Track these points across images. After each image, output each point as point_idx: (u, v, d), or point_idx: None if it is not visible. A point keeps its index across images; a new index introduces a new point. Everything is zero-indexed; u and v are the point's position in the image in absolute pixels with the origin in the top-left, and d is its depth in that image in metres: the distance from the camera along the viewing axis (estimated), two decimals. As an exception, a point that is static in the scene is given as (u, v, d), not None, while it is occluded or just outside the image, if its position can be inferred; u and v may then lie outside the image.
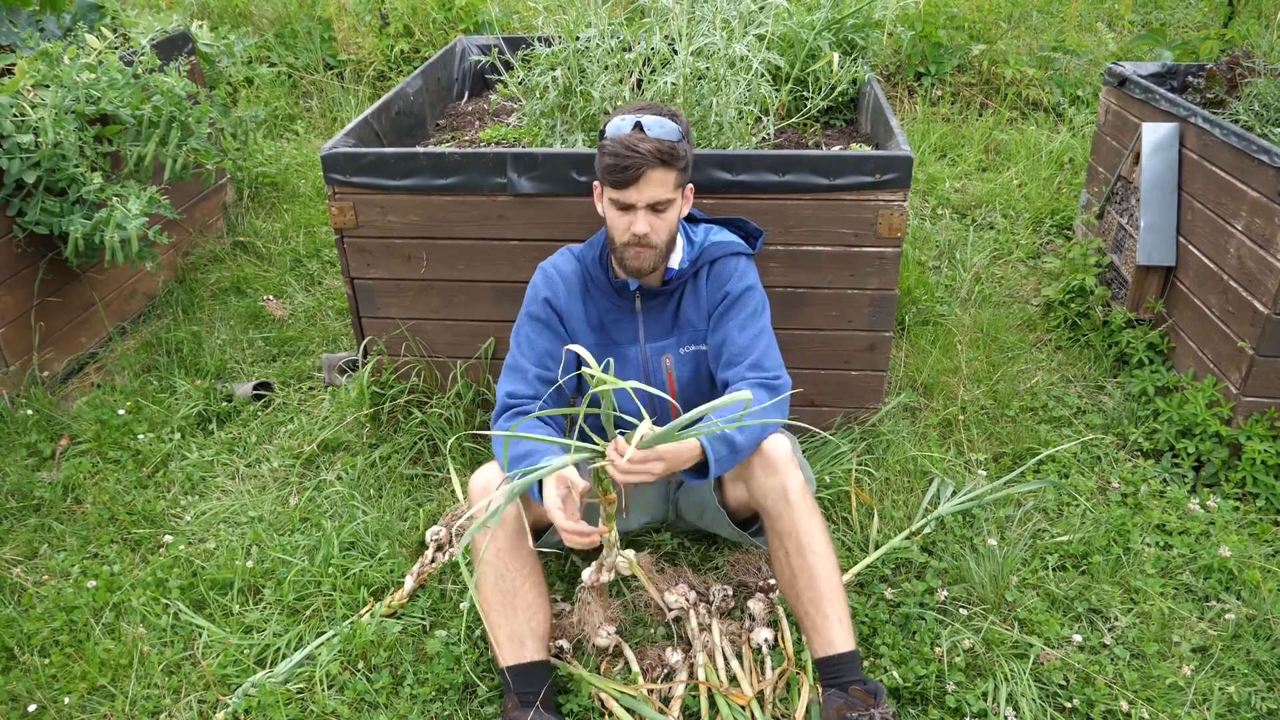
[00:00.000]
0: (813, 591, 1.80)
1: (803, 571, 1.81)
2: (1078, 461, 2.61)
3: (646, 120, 1.83)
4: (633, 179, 1.81)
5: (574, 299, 2.03)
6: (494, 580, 1.85)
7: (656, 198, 1.84)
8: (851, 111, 3.23)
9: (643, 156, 1.79)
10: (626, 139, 1.81)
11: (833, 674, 1.78)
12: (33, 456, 2.72)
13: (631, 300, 2.04)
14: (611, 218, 1.90)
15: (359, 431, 2.70)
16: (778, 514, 1.85)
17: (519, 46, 3.30)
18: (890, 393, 2.82)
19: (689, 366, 2.09)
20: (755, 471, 1.88)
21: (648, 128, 1.82)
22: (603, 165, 1.84)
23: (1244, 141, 2.50)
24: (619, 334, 2.06)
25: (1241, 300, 2.49)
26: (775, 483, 1.85)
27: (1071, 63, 5.44)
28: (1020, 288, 3.60)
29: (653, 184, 1.83)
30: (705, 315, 2.05)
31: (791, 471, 1.86)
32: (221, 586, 2.23)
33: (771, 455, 1.87)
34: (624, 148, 1.79)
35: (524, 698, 1.80)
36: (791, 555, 1.83)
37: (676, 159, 1.83)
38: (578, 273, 2.05)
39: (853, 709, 1.71)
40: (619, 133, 1.83)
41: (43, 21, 3.57)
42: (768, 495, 1.86)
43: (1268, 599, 2.11)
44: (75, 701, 1.95)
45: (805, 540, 1.82)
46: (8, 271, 2.87)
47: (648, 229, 1.86)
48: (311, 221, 4.16)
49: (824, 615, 1.79)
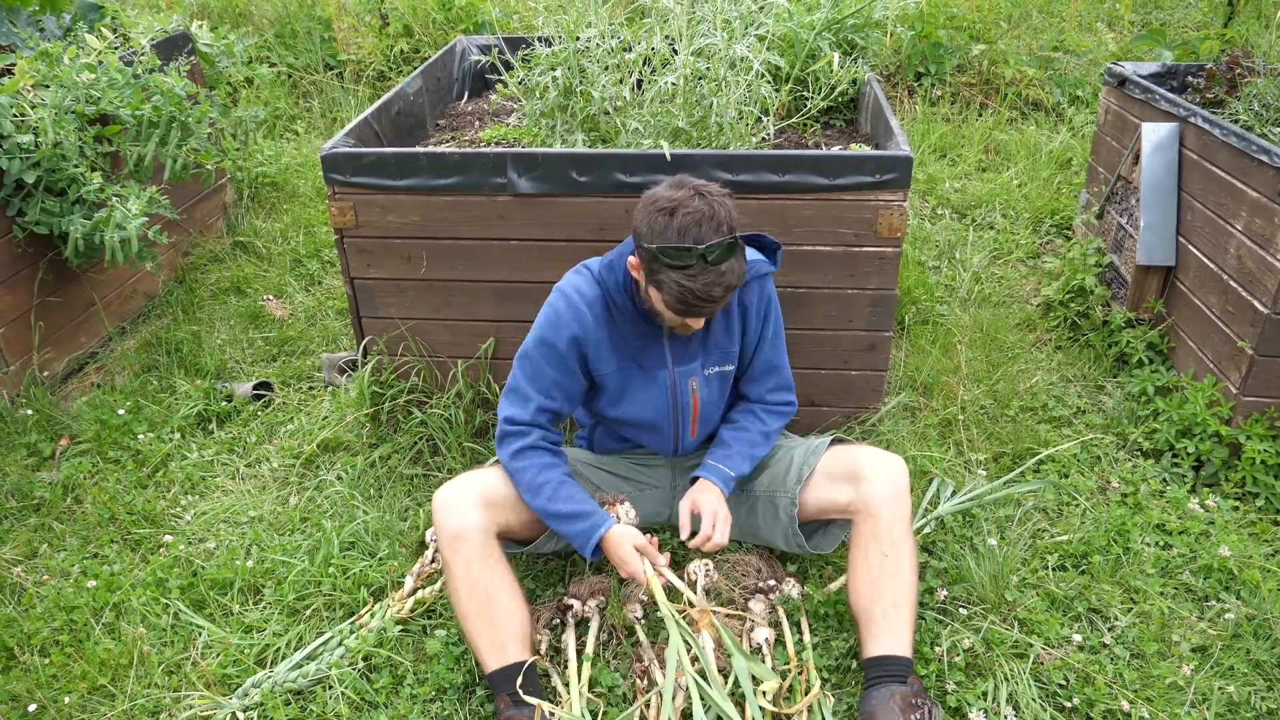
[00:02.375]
0: (898, 595, 1.89)
1: (898, 575, 1.90)
2: (1078, 461, 2.61)
3: (713, 251, 1.71)
4: (708, 315, 1.85)
5: (600, 327, 1.98)
6: (467, 592, 1.88)
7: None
8: (851, 111, 3.23)
9: (716, 304, 1.79)
10: (699, 289, 1.72)
11: (894, 670, 1.83)
12: (33, 456, 2.72)
13: (658, 326, 2.00)
14: (664, 309, 1.85)
15: (359, 431, 2.70)
16: (891, 521, 1.94)
17: (519, 46, 3.30)
18: (890, 393, 2.82)
19: (714, 388, 2.11)
20: (880, 476, 1.98)
21: (719, 262, 1.72)
22: (668, 298, 1.77)
23: (1244, 141, 2.50)
24: (646, 359, 2.04)
25: (1241, 300, 2.49)
26: (897, 493, 1.96)
27: (1071, 63, 5.44)
28: (1020, 288, 3.60)
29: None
30: (737, 337, 2.07)
31: (908, 494, 1.99)
32: (221, 586, 2.23)
33: (899, 471, 1.99)
34: (697, 298, 1.74)
35: (515, 696, 1.82)
36: (888, 557, 1.91)
37: (742, 279, 1.81)
38: (601, 299, 1.98)
39: (916, 696, 1.77)
40: (685, 265, 1.71)
41: (43, 21, 3.57)
42: (887, 502, 1.95)
43: (1268, 599, 2.11)
44: (75, 701, 1.95)
45: (905, 553, 1.93)
46: (8, 271, 2.87)
47: (699, 324, 1.90)
48: (311, 221, 4.16)
49: (903, 620, 1.88)
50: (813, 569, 2.25)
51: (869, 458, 2.03)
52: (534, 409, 1.99)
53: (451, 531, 1.90)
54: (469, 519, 1.90)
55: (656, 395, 2.07)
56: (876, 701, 1.78)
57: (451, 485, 1.98)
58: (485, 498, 1.95)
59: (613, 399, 2.08)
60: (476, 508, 1.92)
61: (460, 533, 1.89)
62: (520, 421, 1.99)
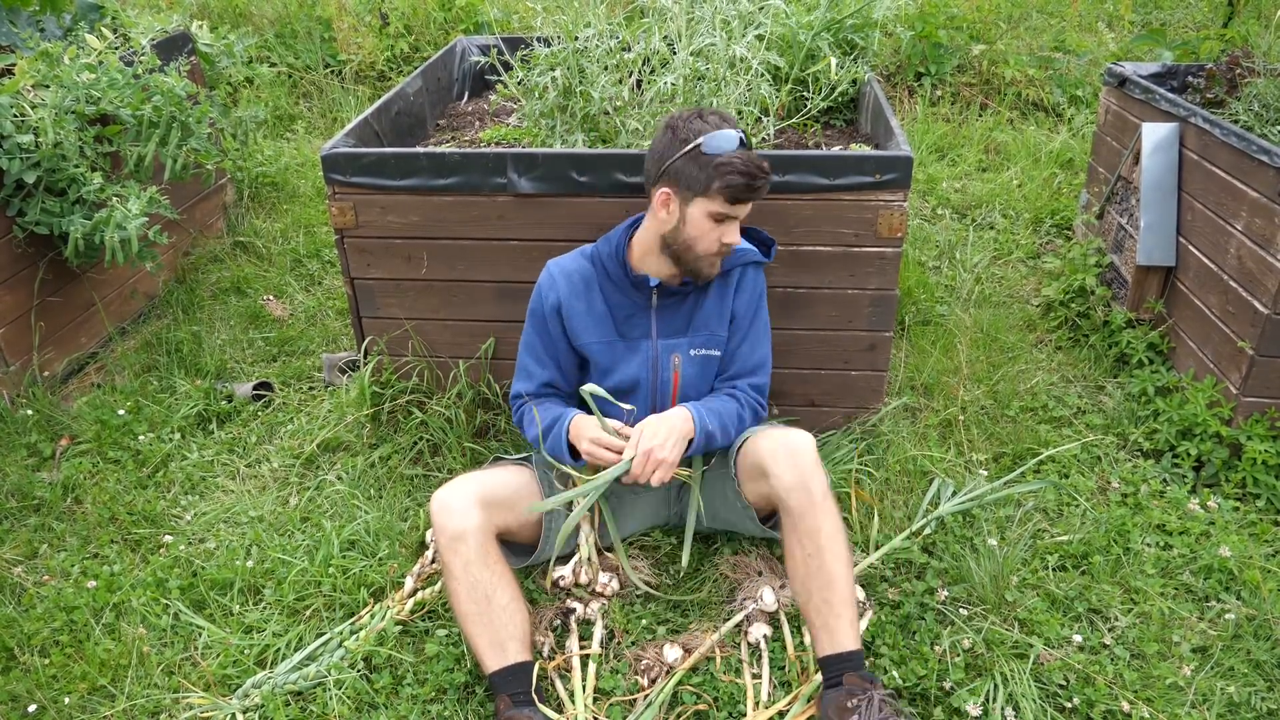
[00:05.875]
0: (828, 591, 1.82)
1: (821, 571, 1.83)
2: (1078, 462, 2.61)
3: (744, 132, 1.88)
4: (758, 197, 1.90)
5: (576, 295, 2.07)
6: (466, 593, 1.88)
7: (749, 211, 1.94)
8: (851, 111, 3.23)
9: (768, 177, 1.88)
10: (755, 160, 1.85)
11: (836, 671, 1.79)
12: (33, 456, 2.72)
13: (648, 296, 2.07)
14: (703, 229, 1.92)
15: (359, 431, 2.70)
16: (801, 512, 1.86)
17: (519, 46, 3.30)
18: (890, 393, 2.82)
19: (696, 367, 2.12)
20: (782, 467, 1.89)
21: (755, 147, 1.90)
22: (728, 181, 1.85)
23: (1244, 141, 2.50)
24: (630, 328, 2.09)
25: (1241, 300, 2.48)
26: (801, 480, 1.87)
27: (1071, 63, 5.44)
28: (1020, 288, 3.60)
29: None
30: (727, 320, 2.11)
31: (818, 471, 1.89)
32: (221, 586, 2.23)
33: (800, 453, 1.90)
34: (756, 168, 1.85)
35: (515, 696, 1.82)
36: (810, 554, 1.84)
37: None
38: (585, 270, 2.08)
39: (851, 696, 1.73)
40: (732, 148, 1.85)
41: (43, 22, 3.57)
42: (793, 492, 1.87)
43: (1268, 599, 2.10)
44: (75, 701, 1.95)
45: (826, 541, 1.84)
46: (8, 271, 2.87)
47: (737, 238, 1.94)
48: (311, 221, 4.16)
49: (837, 615, 1.81)
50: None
51: (768, 448, 1.94)
52: (538, 384, 2.13)
53: (450, 532, 1.90)
54: (468, 519, 1.90)
55: (637, 366, 2.09)
56: (823, 712, 1.78)
57: (450, 486, 1.98)
58: (484, 498, 1.96)
59: (600, 371, 2.12)
60: (475, 508, 1.92)
61: (459, 533, 1.89)
62: (525, 394, 2.15)
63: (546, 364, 2.13)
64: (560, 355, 2.12)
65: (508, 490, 2.03)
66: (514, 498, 2.03)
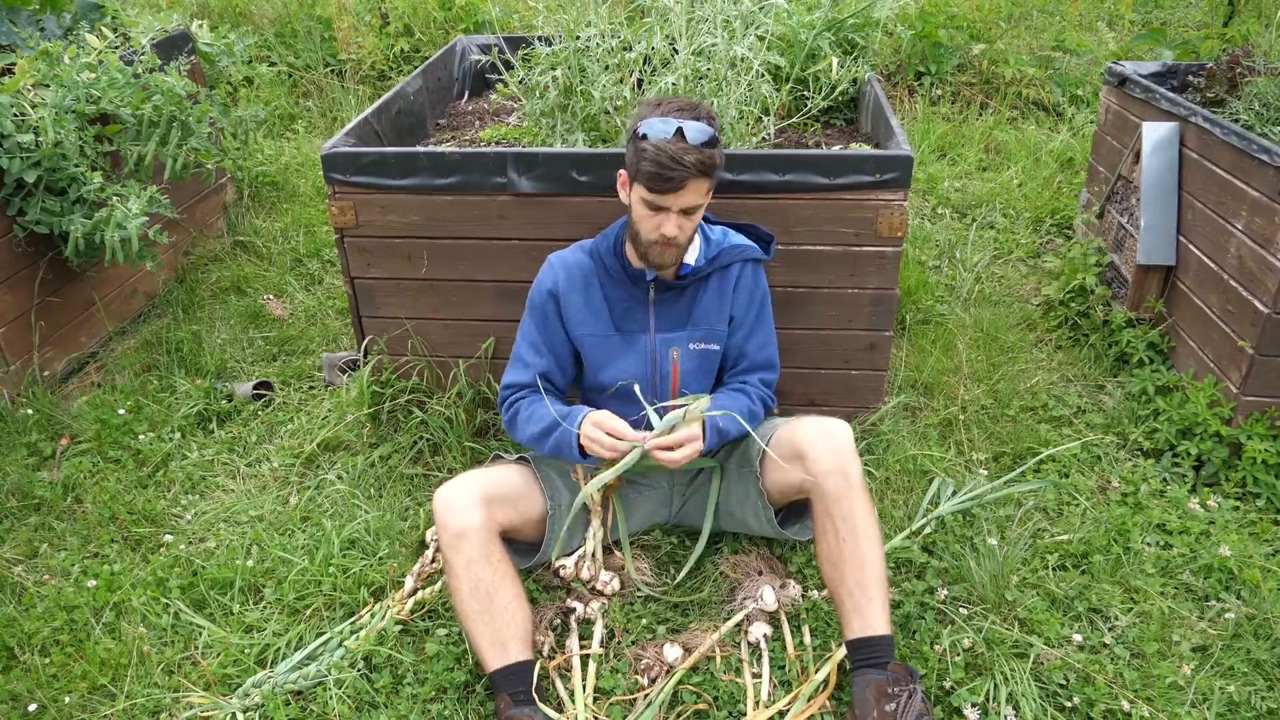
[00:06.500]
0: (861, 575, 1.84)
1: (855, 555, 1.85)
2: (1078, 461, 2.61)
3: (689, 128, 1.83)
4: (675, 189, 1.85)
5: (574, 288, 2.08)
6: (468, 591, 1.88)
7: (690, 204, 1.89)
8: (852, 111, 3.23)
9: (688, 169, 1.82)
10: (672, 149, 1.81)
11: (870, 655, 1.80)
12: (33, 456, 2.72)
13: (646, 290, 2.08)
14: (641, 215, 1.93)
15: (359, 431, 2.70)
16: (837, 496, 1.88)
17: (519, 46, 3.30)
18: (890, 392, 2.82)
19: (695, 361, 2.13)
20: (820, 451, 1.91)
21: (690, 136, 1.83)
22: (643, 169, 1.84)
23: (1244, 141, 2.50)
24: (628, 322, 2.10)
25: (1241, 300, 2.48)
26: (840, 465, 1.90)
27: (1071, 62, 5.44)
28: (1020, 287, 3.60)
29: (690, 192, 1.87)
30: (727, 315, 2.11)
31: (855, 458, 1.92)
32: (222, 586, 2.23)
33: (840, 438, 1.94)
34: (669, 159, 1.81)
35: (516, 695, 1.82)
36: (844, 538, 1.87)
37: (715, 169, 1.88)
38: (584, 263, 2.10)
39: (893, 684, 1.74)
40: (661, 137, 1.83)
41: (43, 21, 3.57)
42: (830, 476, 1.89)
43: (1268, 598, 2.11)
44: (75, 701, 1.95)
45: (861, 526, 1.87)
46: (8, 271, 2.87)
47: (677, 231, 1.91)
48: (311, 221, 4.16)
49: (869, 598, 1.83)
50: (811, 569, 2.24)
51: (808, 432, 1.97)
52: (533, 374, 2.10)
53: (453, 530, 1.90)
54: (470, 517, 1.90)
55: (635, 360, 2.10)
56: (856, 690, 1.78)
57: (453, 483, 1.98)
58: (487, 496, 1.96)
59: (595, 366, 2.12)
60: (478, 506, 1.92)
61: (461, 531, 1.89)
62: (519, 385, 2.12)
63: (544, 353, 2.12)
64: (558, 346, 2.13)
65: (511, 488, 2.03)
66: (517, 496, 2.03)
